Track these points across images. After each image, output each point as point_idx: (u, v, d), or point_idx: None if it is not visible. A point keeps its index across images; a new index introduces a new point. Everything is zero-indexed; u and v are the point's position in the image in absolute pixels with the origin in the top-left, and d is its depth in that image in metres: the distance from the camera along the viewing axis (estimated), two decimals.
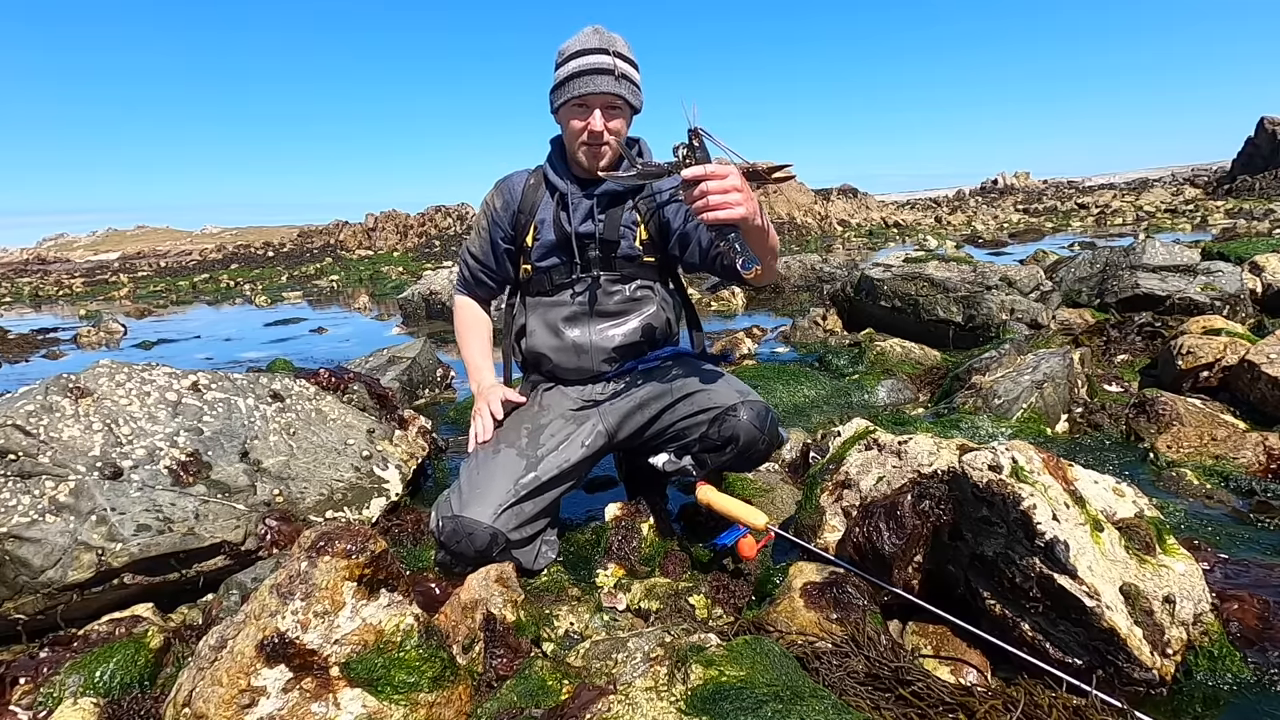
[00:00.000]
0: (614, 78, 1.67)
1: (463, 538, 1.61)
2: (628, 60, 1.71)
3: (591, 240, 1.84)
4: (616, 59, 1.67)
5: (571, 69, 1.69)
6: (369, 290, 11.68)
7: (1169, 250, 4.39)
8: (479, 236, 1.97)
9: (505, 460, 1.72)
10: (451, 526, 1.62)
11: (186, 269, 21.35)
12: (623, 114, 1.75)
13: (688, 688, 1.11)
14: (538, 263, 1.88)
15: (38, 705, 1.35)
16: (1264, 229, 9.13)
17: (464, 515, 1.61)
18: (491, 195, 1.95)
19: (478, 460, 1.74)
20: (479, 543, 1.61)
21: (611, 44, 1.69)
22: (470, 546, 1.61)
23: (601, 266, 1.85)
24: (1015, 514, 1.26)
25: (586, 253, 1.84)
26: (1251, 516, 1.84)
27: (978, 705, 1.11)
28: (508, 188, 1.93)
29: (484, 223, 1.95)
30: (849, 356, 3.73)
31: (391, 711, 1.10)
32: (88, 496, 1.66)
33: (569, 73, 1.69)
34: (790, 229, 19.15)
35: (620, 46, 1.70)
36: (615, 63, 1.67)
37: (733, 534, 1.65)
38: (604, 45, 1.68)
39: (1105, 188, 35.53)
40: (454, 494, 1.68)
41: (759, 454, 1.77)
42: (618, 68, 1.67)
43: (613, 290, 1.87)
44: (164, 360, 2.79)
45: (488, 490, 1.66)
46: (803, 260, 7.94)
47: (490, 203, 1.94)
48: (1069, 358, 2.83)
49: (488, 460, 1.73)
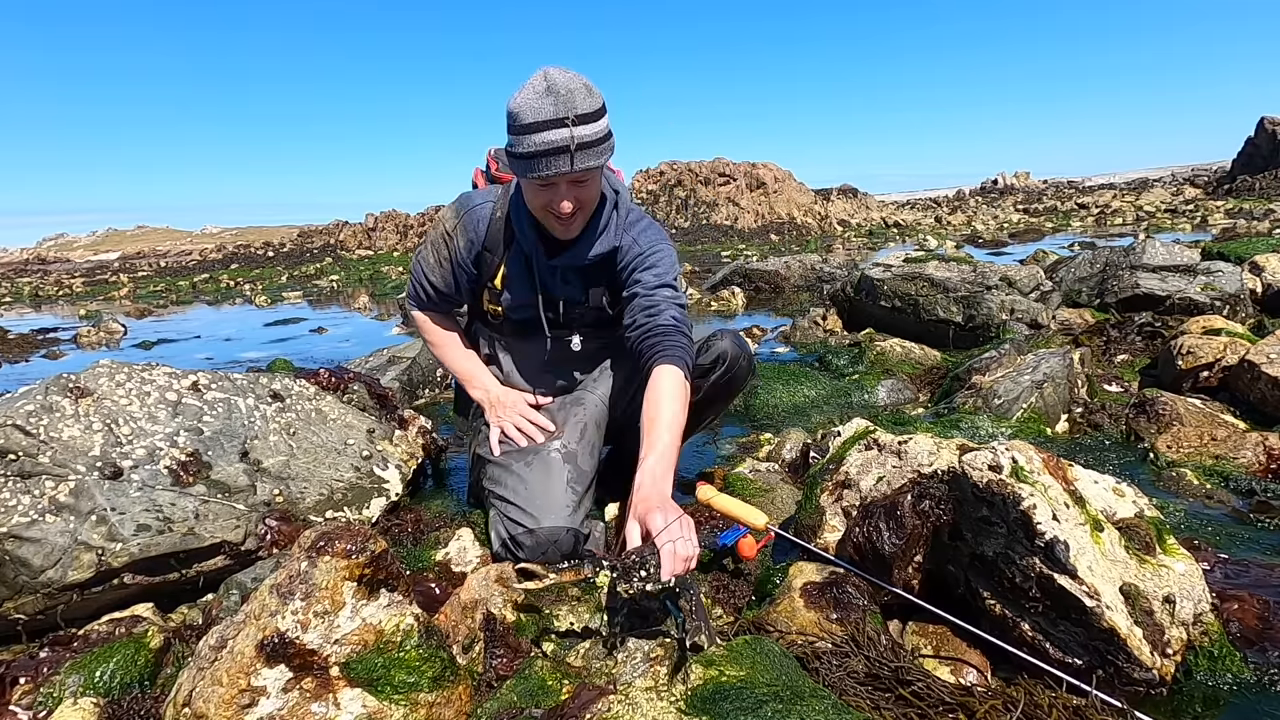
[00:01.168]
0: (573, 154, 1.48)
1: (548, 547, 1.64)
2: (589, 117, 1.48)
3: (575, 306, 1.86)
4: (576, 127, 1.46)
5: (528, 148, 1.48)
6: (369, 290, 11.68)
7: (1169, 250, 4.39)
8: (440, 268, 1.85)
9: (546, 462, 1.76)
10: (533, 541, 1.64)
11: (186, 269, 21.35)
12: (592, 178, 1.59)
13: (688, 688, 1.11)
14: (510, 314, 1.87)
15: (38, 705, 1.35)
16: (1264, 229, 9.13)
17: (543, 526, 1.64)
18: (453, 228, 1.80)
19: (518, 470, 1.76)
20: (564, 547, 1.65)
21: (570, 107, 1.45)
22: (557, 553, 1.64)
23: (579, 325, 1.90)
24: (1015, 514, 1.26)
25: (566, 313, 1.86)
26: (1251, 516, 1.84)
27: (978, 705, 1.11)
28: (472, 224, 1.79)
29: (445, 254, 1.83)
30: (849, 356, 3.73)
31: (391, 711, 1.10)
32: (88, 496, 1.66)
33: (525, 151, 1.49)
34: (790, 229, 19.16)
35: (579, 102, 1.46)
36: (574, 137, 1.46)
37: (733, 534, 1.65)
38: (561, 114, 1.45)
39: (1105, 188, 35.53)
40: (513, 510, 1.70)
41: (742, 371, 1.89)
42: (576, 141, 1.46)
43: (590, 345, 1.93)
44: (164, 360, 2.79)
45: (549, 496, 1.69)
46: (803, 260, 7.95)
47: (450, 237, 1.81)
48: (1069, 358, 2.83)
49: (531, 467, 1.76)
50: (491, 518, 1.78)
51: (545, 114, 1.45)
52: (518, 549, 1.65)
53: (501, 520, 1.72)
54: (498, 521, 1.74)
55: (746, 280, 7.54)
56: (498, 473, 1.80)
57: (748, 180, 20.91)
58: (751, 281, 7.51)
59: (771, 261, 7.90)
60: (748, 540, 1.63)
